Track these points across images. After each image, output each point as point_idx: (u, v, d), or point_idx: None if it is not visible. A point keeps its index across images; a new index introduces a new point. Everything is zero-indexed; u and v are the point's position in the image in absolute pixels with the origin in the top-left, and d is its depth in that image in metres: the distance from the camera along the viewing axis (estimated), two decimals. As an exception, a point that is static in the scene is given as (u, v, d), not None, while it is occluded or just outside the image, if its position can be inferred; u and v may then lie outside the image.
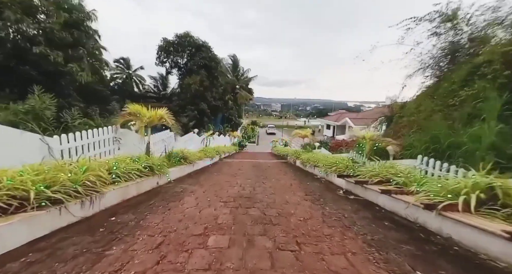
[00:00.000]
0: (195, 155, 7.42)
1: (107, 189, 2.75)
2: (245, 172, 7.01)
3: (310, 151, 9.63)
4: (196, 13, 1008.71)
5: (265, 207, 3.07)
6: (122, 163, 3.48)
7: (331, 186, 4.74)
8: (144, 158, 4.08)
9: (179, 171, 5.39)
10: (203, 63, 21.29)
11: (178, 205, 3.06)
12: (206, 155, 8.75)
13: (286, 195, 3.82)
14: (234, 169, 7.66)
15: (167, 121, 4.55)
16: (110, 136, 4.34)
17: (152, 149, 5.56)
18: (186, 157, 6.18)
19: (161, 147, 5.91)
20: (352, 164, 4.85)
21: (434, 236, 2.10)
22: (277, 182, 5.23)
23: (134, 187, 3.35)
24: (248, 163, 9.93)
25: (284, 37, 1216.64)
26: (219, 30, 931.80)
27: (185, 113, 19.57)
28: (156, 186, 4.04)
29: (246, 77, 34.70)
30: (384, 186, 3.21)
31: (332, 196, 3.78)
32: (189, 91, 19.81)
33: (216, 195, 3.73)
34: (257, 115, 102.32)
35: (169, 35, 22.76)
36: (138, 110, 4.40)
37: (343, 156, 6.53)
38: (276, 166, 9.17)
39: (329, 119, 41.50)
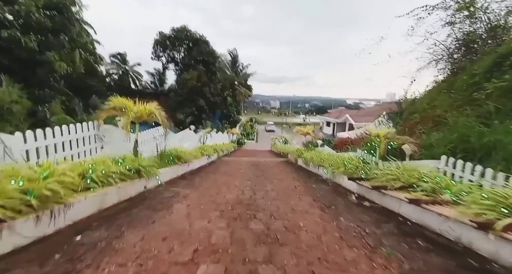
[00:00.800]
0: (191, 154, 6.92)
1: (76, 198, 2.26)
2: (244, 171, 6.53)
3: (312, 149, 9.15)
4: (193, 8, 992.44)
5: (268, 217, 2.59)
6: (101, 165, 2.98)
7: (340, 189, 4.27)
8: (130, 158, 3.58)
9: (172, 171, 4.90)
10: (201, 58, 20.64)
11: (166, 215, 2.57)
12: (203, 153, 8.25)
13: (291, 201, 3.35)
14: (232, 168, 7.18)
15: (157, 117, 4.04)
16: (91, 133, 3.82)
17: (141, 147, 5.05)
18: (180, 156, 5.68)
19: (152, 145, 5.40)
20: (363, 164, 4.38)
21: (490, 264, 1.63)
22: (279, 184, 4.77)
23: (115, 193, 2.86)
24: (247, 161, 9.45)
25: (283, 33, 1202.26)
26: (217, 26, 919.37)
27: (183, 110, 18.99)
28: (144, 190, 3.55)
29: (245, 73, 34.05)
30: (407, 193, 2.74)
31: (344, 202, 3.31)
32: (186, 87, 19.22)
33: (211, 200, 3.25)
34: (256, 112, 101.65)
35: (166, 30, 22.09)
36: (123, 104, 3.89)
37: (350, 155, 6.05)
38: (277, 165, 8.71)
39: (329, 116, 41.01)
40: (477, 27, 5.94)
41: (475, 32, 6.02)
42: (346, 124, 32.66)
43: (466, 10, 5.88)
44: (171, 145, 6.71)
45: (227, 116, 26.57)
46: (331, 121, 37.74)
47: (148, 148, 5.34)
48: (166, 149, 5.55)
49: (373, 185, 3.10)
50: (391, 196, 2.81)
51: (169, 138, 6.74)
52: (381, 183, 3.19)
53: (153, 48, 21.02)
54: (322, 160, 6.15)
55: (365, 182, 3.56)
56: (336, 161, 5.33)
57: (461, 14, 6.08)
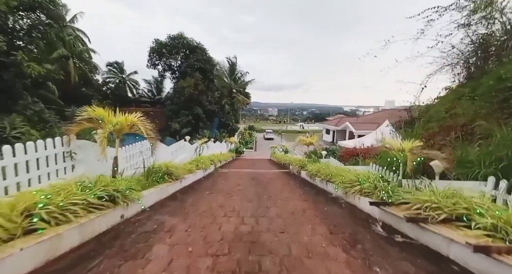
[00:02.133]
0: (184, 168, 6.26)
1: (7, 250, 1.59)
2: (244, 187, 5.86)
3: (316, 160, 8.52)
4: (192, 17, 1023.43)
5: (278, 267, 1.93)
6: (60, 194, 2.33)
7: (357, 213, 3.61)
8: (105, 180, 2.92)
9: (160, 192, 4.22)
10: (198, 66, 20.25)
11: (138, 266, 1.90)
12: (198, 166, 7.59)
13: (304, 234, 2.69)
14: (230, 183, 6.50)
15: (140, 129, 3.41)
16: (59, 151, 3.17)
17: (124, 164, 4.40)
18: (171, 172, 5.02)
19: (137, 161, 4.76)
20: (383, 183, 3.74)
21: None
22: (285, 205, 4.10)
23: (76, 232, 2.19)
24: (246, 173, 8.78)
25: (280, 42, 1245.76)
26: (215, 35, 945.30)
27: (179, 119, 18.38)
28: (120, 221, 2.87)
29: (243, 81, 33.78)
30: (457, 229, 2.10)
31: (370, 236, 2.65)
32: (183, 95, 18.70)
33: (203, 236, 2.58)
34: (254, 120, 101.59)
35: (163, 38, 21.81)
36: (100, 115, 3.26)
37: (362, 169, 5.43)
38: (279, 177, 8.04)
39: (328, 124, 40.65)
40: (495, 29, 5.51)
41: (492, 35, 5.58)
42: (346, 132, 32.23)
43: (483, 11, 5.46)
44: (162, 159, 6.07)
45: (225, 124, 25.99)
46: (331, 129, 37.35)
47: (133, 164, 4.70)
48: (156, 164, 4.91)
49: (408, 216, 2.45)
50: (437, 234, 2.16)
51: (160, 151, 6.10)
52: (416, 211, 2.55)
53: (148, 56, 20.61)
54: (330, 175, 5.51)
55: (392, 208, 2.91)
56: (348, 176, 4.69)
57: (477, 15, 5.65)
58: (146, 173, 4.49)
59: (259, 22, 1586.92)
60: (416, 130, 6.32)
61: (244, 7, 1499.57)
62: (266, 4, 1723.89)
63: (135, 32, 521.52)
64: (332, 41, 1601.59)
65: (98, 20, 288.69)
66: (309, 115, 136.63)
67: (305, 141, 9.06)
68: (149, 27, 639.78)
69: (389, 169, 4.05)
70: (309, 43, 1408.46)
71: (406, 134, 6.73)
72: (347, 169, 5.44)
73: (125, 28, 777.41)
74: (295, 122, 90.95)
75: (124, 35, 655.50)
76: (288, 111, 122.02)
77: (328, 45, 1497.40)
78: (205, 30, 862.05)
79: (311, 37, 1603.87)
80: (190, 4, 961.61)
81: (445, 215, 2.28)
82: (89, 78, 20.95)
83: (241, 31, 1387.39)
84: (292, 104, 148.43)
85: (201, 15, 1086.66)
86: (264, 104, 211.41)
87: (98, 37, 61.67)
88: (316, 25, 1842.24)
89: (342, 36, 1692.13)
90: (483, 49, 5.71)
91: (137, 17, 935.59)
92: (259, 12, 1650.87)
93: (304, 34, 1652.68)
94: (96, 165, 3.38)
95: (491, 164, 2.85)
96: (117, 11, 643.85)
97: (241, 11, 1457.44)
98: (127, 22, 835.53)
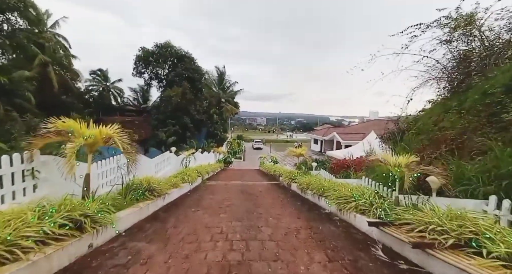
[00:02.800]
0: (169, 182, 5.84)
1: None
2: (233, 202, 5.52)
3: (307, 172, 8.35)
4: (180, 29, 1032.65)
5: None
6: (11, 224, 1.93)
7: (354, 233, 3.38)
8: (70, 203, 2.52)
9: (139, 212, 3.80)
10: (186, 75, 19.94)
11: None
12: (184, 179, 7.17)
13: (300, 262, 2.40)
14: (218, 197, 6.13)
15: (117, 143, 3.05)
16: (17, 169, 2.73)
17: (99, 181, 3.97)
18: (153, 188, 4.61)
19: (116, 176, 4.33)
20: (379, 200, 3.58)
21: None
22: (277, 224, 3.81)
23: (26, 273, 1.78)
24: (235, 186, 8.42)
25: (267, 53, 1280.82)
26: (203, 45, 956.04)
27: (166, 128, 17.76)
28: (87, 252, 2.45)
29: (232, 91, 33.76)
30: (467, 257, 1.92)
31: (373, 263, 2.41)
32: (170, 104, 18.20)
33: (185, 269, 2.23)
34: (243, 130, 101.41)
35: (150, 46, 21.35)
36: (70, 127, 2.89)
37: (354, 183, 5.28)
38: (269, 190, 7.74)
39: (316, 134, 41.21)
40: (475, 46, 5.75)
41: (472, 51, 5.81)
42: (334, 142, 32.72)
43: (463, 29, 5.70)
44: (144, 173, 5.62)
45: (214, 134, 25.51)
46: (319, 139, 37.82)
47: (110, 180, 4.26)
48: (136, 180, 4.49)
49: (413, 241, 2.25)
50: (447, 263, 1.96)
51: (142, 165, 5.66)
52: (419, 234, 2.36)
53: (134, 64, 20.04)
54: (322, 189, 5.31)
55: (392, 229, 2.71)
56: (342, 191, 4.51)
57: (457, 33, 5.89)
58: (124, 190, 4.07)
59: (246, 35, 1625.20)
60: (406, 143, 6.33)
61: (231, 21, 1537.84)
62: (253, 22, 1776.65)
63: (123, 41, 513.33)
64: (316, 55, 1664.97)
65: (85, 28, 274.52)
66: (297, 125, 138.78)
67: (295, 152, 8.91)
68: (136, 37, 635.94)
69: (383, 183, 3.91)
70: (295, 57, 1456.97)
71: (397, 148, 6.73)
72: (339, 183, 5.27)
73: (112, 37, 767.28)
74: (283, 132, 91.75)
75: (111, 45, 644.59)
76: (276, 121, 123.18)
77: (312, 58, 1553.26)
78: (192, 41, 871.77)
79: (297, 51, 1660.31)
80: (177, 16, 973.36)
81: (453, 240, 2.10)
82: (69, 86, 19.95)
83: (229, 42, 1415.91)
84: (280, 114, 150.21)
85: (189, 26, 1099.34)
86: (253, 114, 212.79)
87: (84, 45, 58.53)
88: (301, 40, 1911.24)
89: (326, 51, 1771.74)
90: (464, 65, 5.92)
91: (125, 27, 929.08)
92: (246, 26, 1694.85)
93: (290, 48, 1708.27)
94: (63, 184, 2.96)
95: (490, 181, 2.76)
96: (105, 20, 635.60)
97: (229, 24, 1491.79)
98: (114, 32, 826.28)
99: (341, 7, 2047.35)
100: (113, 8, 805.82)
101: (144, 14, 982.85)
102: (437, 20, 6.23)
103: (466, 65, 5.93)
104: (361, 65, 7.76)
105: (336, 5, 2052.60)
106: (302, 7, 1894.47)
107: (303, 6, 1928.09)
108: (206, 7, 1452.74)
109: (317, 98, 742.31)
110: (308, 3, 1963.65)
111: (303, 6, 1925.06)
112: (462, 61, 5.96)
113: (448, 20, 5.97)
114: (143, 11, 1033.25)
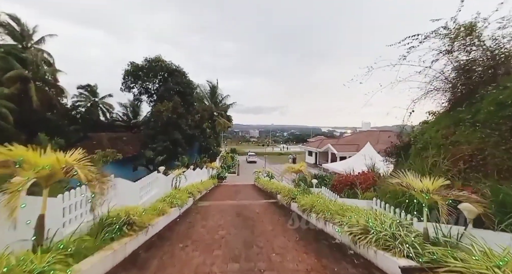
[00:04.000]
0: (153, 210, 5.12)
1: None
2: (228, 231, 4.85)
3: (307, 190, 7.76)
4: (173, 44, 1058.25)
5: None
6: None
7: (378, 275, 2.79)
8: (3, 262, 1.84)
9: (113, 255, 3.08)
10: (177, 89, 19.48)
11: None
12: (173, 203, 6.44)
13: None
14: (211, 225, 5.43)
15: (79, 174, 2.41)
16: None
17: (61, 220, 3.26)
18: (133, 221, 3.91)
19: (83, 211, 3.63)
20: (402, 231, 3.02)
21: None
22: (282, 263, 3.17)
23: None
24: (230, 207, 7.72)
25: (259, 67, 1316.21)
26: (195, 60, 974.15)
27: (156, 144, 16.94)
28: None
29: (224, 104, 33.48)
30: None
31: None
32: (161, 119, 17.53)
33: None
34: (236, 143, 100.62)
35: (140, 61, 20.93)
36: (19, 156, 2.25)
37: (363, 205, 4.74)
38: (267, 211, 7.07)
39: (310, 145, 40.99)
40: (477, 56, 5.57)
41: (475, 61, 5.62)
42: (328, 153, 32.46)
43: (462, 39, 5.53)
44: (127, 200, 4.91)
45: (207, 148, 24.74)
46: (313, 151, 37.53)
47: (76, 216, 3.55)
48: (113, 212, 3.79)
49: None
50: None
51: (123, 190, 4.96)
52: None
53: (123, 79, 19.42)
54: (330, 213, 4.72)
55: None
56: (354, 218, 3.92)
57: (457, 43, 5.72)
58: (97, 228, 3.36)
59: (238, 50, 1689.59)
60: (412, 159, 5.90)
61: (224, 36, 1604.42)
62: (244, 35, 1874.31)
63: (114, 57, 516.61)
64: (306, 67, 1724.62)
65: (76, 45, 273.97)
66: (290, 137, 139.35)
67: (293, 168, 8.35)
68: (128, 53, 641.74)
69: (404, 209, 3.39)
70: (285, 70, 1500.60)
71: (401, 164, 6.29)
72: (348, 206, 4.70)
73: (104, 53, 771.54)
74: (277, 144, 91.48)
75: (102, 61, 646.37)
76: (269, 133, 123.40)
77: (303, 71, 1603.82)
78: (185, 56, 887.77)
79: (287, 64, 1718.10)
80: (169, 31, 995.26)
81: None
82: (53, 103, 19.03)
83: (221, 57, 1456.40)
84: (273, 126, 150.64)
85: (181, 41, 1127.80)
86: (246, 126, 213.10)
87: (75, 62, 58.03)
88: (291, 54, 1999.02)
89: (315, 65, 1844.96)
90: (467, 76, 5.70)
91: (117, 44, 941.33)
92: (238, 40, 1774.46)
93: (281, 61, 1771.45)
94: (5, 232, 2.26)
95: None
96: (96, 37, 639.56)
97: (221, 39, 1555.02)
98: (106, 47, 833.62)
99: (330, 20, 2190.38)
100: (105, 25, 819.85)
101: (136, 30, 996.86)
102: (435, 31, 6.07)
103: (469, 76, 5.71)
104: (358, 78, 7.49)
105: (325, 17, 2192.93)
106: (292, 21, 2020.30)
107: (293, 21, 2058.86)
108: (198, 22, 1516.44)
109: (308, 109, 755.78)
110: (298, 18, 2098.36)
111: (293, 20, 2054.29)
112: (465, 72, 5.74)
113: (446, 30, 5.82)
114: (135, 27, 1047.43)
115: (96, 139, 17.40)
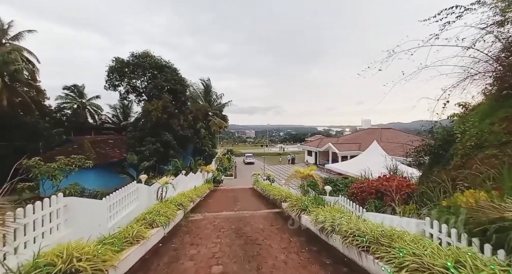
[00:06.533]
0: (122, 238, 3.75)
1: None
2: (225, 269, 3.51)
3: (319, 198, 6.47)
4: (166, 46, 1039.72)
5: None
6: None
7: None
8: None
9: None
10: (168, 86, 17.98)
11: None
12: (155, 221, 5.11)
13: None
14: (202, 253, 4.09)
15: None
16: None
17: None
18: (78, 268, 2.54)
19: None
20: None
21: None
22: None
23: None
24: (227, 222, 6.39)
25: (253, 68, 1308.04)
26: (189, 61, 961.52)
27: (143, 147, 15.44)
28: None
29: (219, 103, 32.05)
30: None
31: None
32: (150, 120, 16.04)
33: None
34: (232, 143, 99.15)
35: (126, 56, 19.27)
36: None
37: (411, 227, 3.47)
38: (274, 229, 5.73)
39: (309, 145, 39.82)
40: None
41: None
42: (329, 153, 31.28)
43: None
44: (85, 227, 3.53)
45: (202, 150, 23.26)
46: (313, 151, 36.37)
47: None
48: (41, 256, 2.43)
49: None
50: None
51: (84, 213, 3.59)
52: None
53: (107, 77, 17.76)
54: (367, 240, 3.41)
55: None
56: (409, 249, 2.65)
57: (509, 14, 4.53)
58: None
59: (232, 51, 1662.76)
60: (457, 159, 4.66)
61: (218, 37, 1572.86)
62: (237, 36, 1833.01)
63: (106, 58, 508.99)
64: (301, 67, 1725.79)
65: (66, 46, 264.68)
66: (286, 136, 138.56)
67: (302, 173, 7.05)
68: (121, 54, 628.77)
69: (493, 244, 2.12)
70: (279, 71, 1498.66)
71: (429, 164, 5.04)
72: (389, 229, 3.40)
73: (95, 55, 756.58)
74: (274, 144, 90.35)
75: (93, 62, 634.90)
76: (266, 133, 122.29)
77: (297, 70, 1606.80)
78: (179, 57, 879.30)
79: (281, 65, 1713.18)
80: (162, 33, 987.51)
81: None
82: (28, 104, 17.32)
83: (214, 58, 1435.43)
84: (269, 126, 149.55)
85: (174, 44, 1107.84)
86: (241, 127, 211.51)
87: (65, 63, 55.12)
88: (284, 55, 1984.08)
89: (307, 65, 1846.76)
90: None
91: (110, 45, 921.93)
92: (232, 42, 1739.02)
93: (274, 62, 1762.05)
94: None
95: None
96: (88, 38, 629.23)
97: (215, 40, 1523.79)
98: (98, 49, 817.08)
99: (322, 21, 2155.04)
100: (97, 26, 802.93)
101: (129, 31, 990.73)
102: (479, 1, 4.88)
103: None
104: (376, 65, 6.25)
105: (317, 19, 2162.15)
106: (286, 21, 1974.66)
107: (287, 20, 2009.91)
108: (191, 24, 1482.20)
109: (303, 109, 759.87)
110: (292, 17, 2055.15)
111: (287, 20, 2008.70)
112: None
113: (494, 0, 4.62)
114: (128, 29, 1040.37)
115: (78, 142, 15.79)
